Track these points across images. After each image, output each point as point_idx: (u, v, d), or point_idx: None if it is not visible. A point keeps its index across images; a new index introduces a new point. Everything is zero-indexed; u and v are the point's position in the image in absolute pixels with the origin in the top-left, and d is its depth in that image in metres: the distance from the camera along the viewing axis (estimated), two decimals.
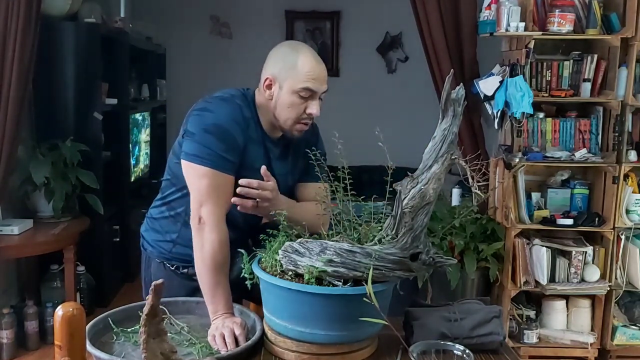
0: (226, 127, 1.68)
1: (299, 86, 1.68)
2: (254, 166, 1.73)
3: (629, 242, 3.27)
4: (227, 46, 5.73)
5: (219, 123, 1.68)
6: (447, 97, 1.42)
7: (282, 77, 1.70)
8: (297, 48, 1.73)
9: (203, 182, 1.66)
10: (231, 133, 1.68)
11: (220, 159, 1.66)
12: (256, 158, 1.75)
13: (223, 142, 1.66)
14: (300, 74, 1.68)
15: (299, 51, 1.70)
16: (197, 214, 1.66)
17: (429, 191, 1.41)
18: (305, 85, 1.67)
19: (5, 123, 3.06)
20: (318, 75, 1.69)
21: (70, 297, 3.38)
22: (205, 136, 1.66)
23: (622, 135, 3.20)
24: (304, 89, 1.68)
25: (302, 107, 1.70)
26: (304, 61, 1.68)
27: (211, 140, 1.66)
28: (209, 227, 1.64)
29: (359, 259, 1.38)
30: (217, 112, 1.70)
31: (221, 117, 1.69)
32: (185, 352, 1.50)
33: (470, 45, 3.35)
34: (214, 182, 1.65)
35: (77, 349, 1.21)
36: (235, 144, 1.68)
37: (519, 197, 3.28)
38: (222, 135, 1.66)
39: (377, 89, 5.84)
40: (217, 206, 1.65)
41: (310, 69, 1.68)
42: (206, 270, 1.63)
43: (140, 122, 4.73)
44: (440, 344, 1.39)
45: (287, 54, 1.72)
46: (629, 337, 3.32)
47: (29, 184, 3.44)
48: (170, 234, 1.87)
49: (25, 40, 3.05)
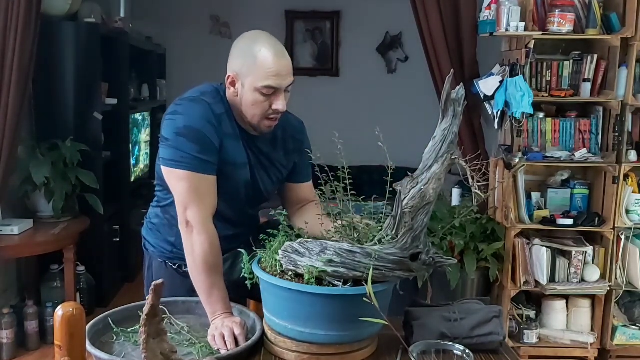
0: (198, 127, 1.65)
1: (260, 84, 1.64)
2: (235, 161, 1.73)
3: (629, 242, 3.27)
4: (227, 46, 5.61)
5: (190, 125, 1.65)
6: (447, 97, 1.42)
7: (244, 74, 1.67)
8: (256, 41, 1.67)
9: (184, 186, 1.65)
10: (203, 133, 1.66)
11: (196, 160, 1.64)
12: (236, 153, 1.74)
13: (197, 144, 1.64)
14: (261, 71, 1.63)
15: (257, 45, 1.64)
16: (183, 218, 1.65)
17: (429, 191, 1.41)
18: (266, 83, 1.64)
19: (5, 123, 3.06)
20: (279, 70, 1.64)
21: (70, 297, 3.38)
22: (179, 139, 1.65)
23: (622, 135, 3.19)
24: (265, 86, 1.64)
25: (266, 103, 1.67)
26: (264, 57, 1.63)
27: (184, 143, 1.64)
28: (196, 230, 1.63)
29: (359, 259, 1.38)
30: (187, 114, 1.67)
31: (192, 118, 1.66)
32: (185, 352, 1.50)
33: (470, 46, 3.35)
34: (194, 184, 1.65)
35: (77, 349, 1.21)
36: (209, 144, 1.66)
37: (519, 197, 3.28)
38: (194, 136, 1.65)
39: (377, 89, 5.84)
40: (201, 208, 1.64)
41: (271, 65, 1.63)
42: (199, 272, 1.63)
43: (140, 122, 4.73)
44: (440, 344, 1.39)
45: (246, 49, 1.67)
46: (629, 337, 3.32)
47: (29, 184, 3.44)
48: (169, 237, 1.88)
49: (25, 40, 3.05)
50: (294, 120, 1.91)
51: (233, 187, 1.77)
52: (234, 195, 1.78)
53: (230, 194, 1.77)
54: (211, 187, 1.67)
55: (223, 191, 1.72)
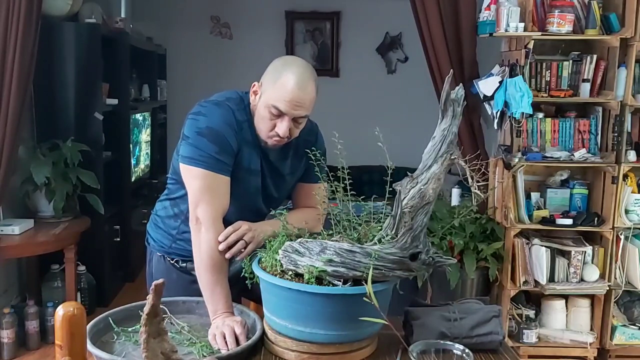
0: (218, 129, 1.70)
1: (271, 102, 1.68)
2: (249, 168, 1.77)
3: (628, 242, 3.27)
4: (228, 46, 5.74)
5: (211, 126, 1.70)
6: (447, 97, 1.43)
7: (265, 87, 1.72)
8: (288, 65, 1.71)
9: (197, 183, 1.69)
10: (224, 136, 1.70)
11: (214, 160, 1.68)
12: (251, 160, 1.78)
13: (216, 144, 1.69)
14: (277, 92, 1.67)
15: (287, 69, 1.69)
16: (194, 215, 1.69)
17: (428, 191, 1.41)
18: (276, 104, 1.67)
19: (6, 123, 3.07)
20: (293, 98, 1.67)
21: (70, 296, 3.38)
22: (199, 139, 1.70)
23: (621, 135, 3.20)
24: (273, 106, 1.68)
25: (271, 123, 1.71)
26: (285, 81, 1.67)
27: (204, 142, 1.69)
28: (205, 227, 1.67)
29: (358, 259, 1.38)
30: (210, 115, 1.72)
31: (214, 120, 1.71)
32: (186, 351, 1.50)
33: (470, 46, 3.35)
34: (207, 183, 1.68)
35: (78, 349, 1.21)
36: (228, 146, 1.71)
37: (519, 197, 3.29)
38: (215, 137, 1.69)
39: (377, 89, 5.85)
40: (211, 206, 1.68)
41: (288, 90, 1.66)
42: (204, 269, 1.65)
43: (140, 122, 4.73)
44: (440, 343, 1.39)
45: (278, 67, 1.72)
46: (628, 337, 3.33)
47: (30, 184, 3.45)
48: (171, 229, 1.91)
49: (26, 41, 3.06)
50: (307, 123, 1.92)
51: (245, 193, 1.80)
52: (244, 201, 1.81)
53: (241, 200, 1.79)
54: (224, 187, 1.71)
55: (235, 196, 1.75)
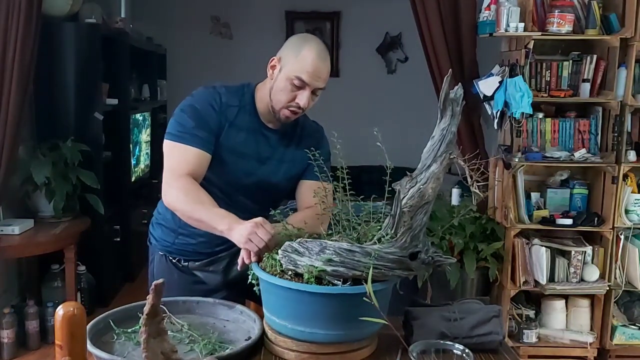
0: (198, 107, 1.79)
1: (294, 74, 1.74)
2: (236, 150, 1.82)
3: (628, 242, 3.27)
4: (228, 46, 5.74)
5: (193, 104, 1.80)
6: (446, 97, 1.43)
7: (285, 61, 1.78)
8: (307, 40, 1.79)
9: (172, 156, 1.77)
10: (202, 113, 1.78)
11: (189, 135, 1.75)
12: (246, 144, 1.82)
13: (193, 120, 1.77)
14: (299, 64, 1.74)
15: (308, 43, 1.76)
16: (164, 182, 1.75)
17: (427, 190, 1.41)
18: (299, 75, 1.73)
19: (6, 123, 3.07)
20: (315, 70, 1.74)
21: (70, 296, 3.38)
22: (180, 115, 1.80)
23: (621, 135, 3.20)
24: (297, 77, 1.74)
25: (292, 94, 1.77)
26: (307, 53, 1.74)
27: (184, 118, 1.78)
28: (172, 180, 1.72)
29: (358, 258, 1.38)
30: (196, 96, 1.83)
31: (197, 99, 1.82)
32: (186, 350, 1.50)
33: (470, 46, 3.36)
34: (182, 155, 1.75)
35: (78, 349, 1.21)
36: (205, 123, 1.77)
37: (519, 197, 3.29)
38: (193, 113, 1.78)
39: (377, 89, 5.85)
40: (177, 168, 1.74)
41: (310, 62, 1.73)
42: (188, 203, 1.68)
43: (140, 122, 4.73)
44: (440, 343, 1.39)
45: (297, 42, 1.79)
46: (628, 337, 3.33)
47: (30, 184, 3.45)
48: (173, 226, 1.92)
49: (26, 41, 3.06)
50: (314, 124, 2.00)
51: (230, 174, 1.83)
52: (231, 184, 1.83)
53: (226, 180, 1.82)
54: (197, 159, 1.75)
55: (218, 175, 1.80)
